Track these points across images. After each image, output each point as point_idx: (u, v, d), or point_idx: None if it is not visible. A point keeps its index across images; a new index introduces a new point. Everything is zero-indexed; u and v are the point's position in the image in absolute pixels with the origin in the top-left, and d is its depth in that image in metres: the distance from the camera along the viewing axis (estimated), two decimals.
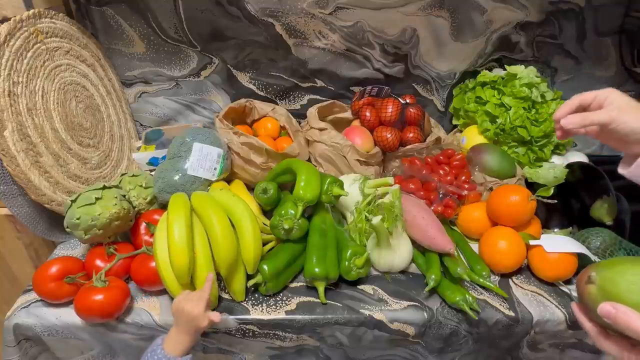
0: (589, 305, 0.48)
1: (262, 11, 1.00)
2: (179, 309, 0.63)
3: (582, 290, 0.49)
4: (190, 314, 0.62)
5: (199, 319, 0.62)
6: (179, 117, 1.16)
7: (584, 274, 0.49)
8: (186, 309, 0.62)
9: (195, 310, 0.62)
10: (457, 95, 1.12)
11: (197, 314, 0.62)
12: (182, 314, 0.63)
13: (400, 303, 0.75)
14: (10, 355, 0.73)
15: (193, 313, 0.62)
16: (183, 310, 0.63)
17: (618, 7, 1.05)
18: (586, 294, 0.48)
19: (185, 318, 0.63)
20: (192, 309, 0.62)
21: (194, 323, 0.62)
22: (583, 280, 0.49)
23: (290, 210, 0.77)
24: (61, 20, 0.90)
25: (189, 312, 0.62)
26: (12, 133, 0.73)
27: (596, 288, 0.46)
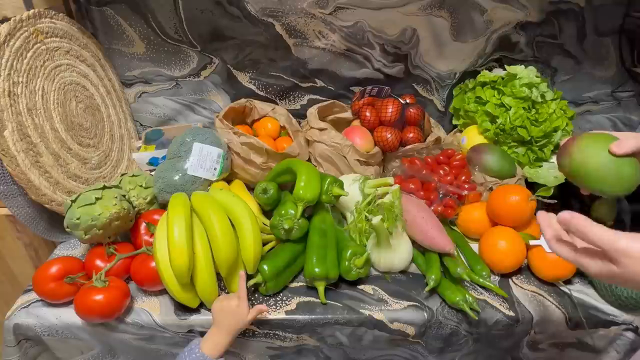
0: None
1: (262, 11, 1.00)
2: (222, 307, 0.67)
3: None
4: (235, 310, 0.65)
5: (244, 313, 0.66)
6: (179, 117, 1.16)
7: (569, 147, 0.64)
8: (232, 305, 0.66)
9: (240, 306, 0.66)
10: (457, 95, 1.12)
11: (242, 309, 0.66)
12: (226, 312, 0.66)
13: (400, 303, 0.75)
14: (10, 355, 0.73)
15: (239, 308, 0.66)
16: (228, 307, 0.66)
17: (618, 7, 1.05)
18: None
19: (229, 315, 0.66)
20: (237, 305, 0.66)
21: (237, 318, 0.65)
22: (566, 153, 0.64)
23: (290, 210, 0.77)
24: (61, 20, 0.90)
25: (234, 308, 0.66)
26: (12, 133, 0.73)
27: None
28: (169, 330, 0.73)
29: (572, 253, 0.48)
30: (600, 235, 0.43)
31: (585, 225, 0.44)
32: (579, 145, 0.63)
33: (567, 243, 0.48)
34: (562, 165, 0.66)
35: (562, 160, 0.66)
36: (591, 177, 0.63)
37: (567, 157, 0.65)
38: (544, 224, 0.52)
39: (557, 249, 0.49)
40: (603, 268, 0.44)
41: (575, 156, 0.63)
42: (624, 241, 0.42)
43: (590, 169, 0.62)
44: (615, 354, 0.77)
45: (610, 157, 0.60)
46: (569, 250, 0.48)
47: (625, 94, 1.18)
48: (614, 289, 0.72)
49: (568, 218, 0.46)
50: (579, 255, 0.47)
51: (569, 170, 0.65)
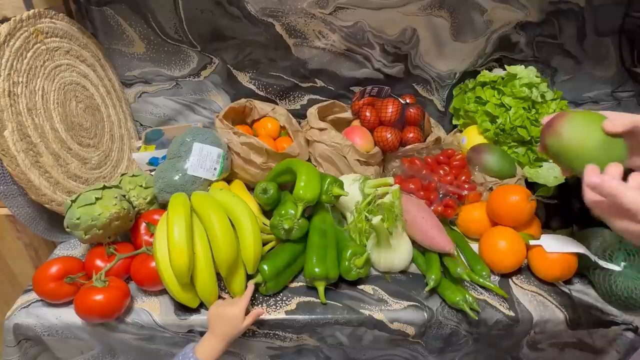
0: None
1: (262, 11, 1.00)
2: (218, 314, 0.66)
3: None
4: (231, 318, 0.65)
5: (240, 321, 0.65)
6: (179, 117, 1.16)
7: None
8: (228, 313, 0.65)
9: (238, 315, 0.65)
10: (457, 95, 1.12)
11: (239, 318, 0.65)
12: (221, 319, 0.66)
13: (400, 303, 0.75)
14: (10, 355, 0.73)
15: (235, 317, 0.65)
16: (224, 314, 0.66)
17: (618, 7, 1.05)
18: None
19: (226, 322, 0.65)
20: (234, 314, 0.65)
21: (233, 326, 0.65)
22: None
23: (290, 210, 0.77)
24: (61, 20, 0.90)
25: (230, 316, 0.65)
26: (12, 133, 0.73)
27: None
28: (169, 330, 0.73)
29: (605, 209, 0.46)
30: (632, 198, 0.42)
31: (617, 188, 0.43)
32: (567, 124, 0.59)
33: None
34: (548, 145, 0.62)
35: (549, 139, 0.61)
36: (580, 159, 0.58)
37: (554, 136, 0.60)
38: (589, 173, 0.49)
39: (591, 203, 0.48)
40: (634, 229, 0.43)
41: (564, 135, 0.59)
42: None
43: (581, 151, 0.58)
44: (615, 353, 0.77)
45: (602, 138, 0.57)
46: (603, 206, 0.46)
47: (625, 94, 1.18)
48: (614, 289, 0.72)
49: (598, 182, 0.45)
50: (612, 213, 0.45)
51: (556, 150, 0.61)
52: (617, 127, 0.56)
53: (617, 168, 0.49)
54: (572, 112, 0.61)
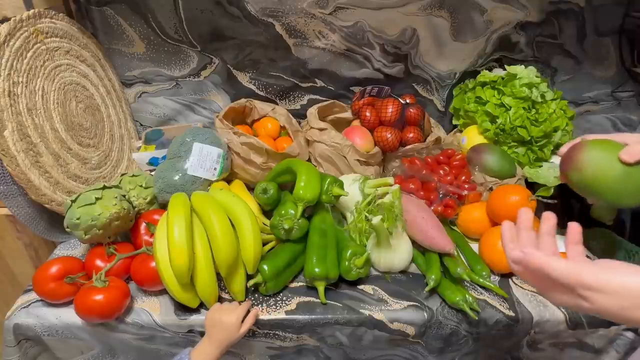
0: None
1: (262, 11, 1.00)
2: (214, 320, 0.67)
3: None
4: (228, 326, 0.65)
5: (237, 328, 0.66)
6: (179, 117, 1.16)
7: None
8: (225, 321, 0.66)
9: (233, 319, 0.66)
10: (457, 95, 1.12)
11: (236, 326, 0.65)
12: (218, 326, 0.66)
13: (400, 303, 0.75)
14: (10, 355, 0.73)
15: (232, 326, 0.65)
16: (220, 322, 0.66)
17: (618, 7, 1.05)
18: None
19: (221, 329, 0.65)
20: (231, 323, 0.65)
21: (230, 333, 0.65)
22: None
23: (290, 210, 0.77)
24: (61, 20, 0.90)
25: (227, 325, 0.65)
26: (12, 133, 0.73)
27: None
28: (169, 330, 0.73)
29: (537, 281, 0.43)
30: (561, 270, 0.39)
31: (541, 262, 0.39)
32: (587, 157, 0.58)
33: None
34: (570, 179, 0.61)
35: (571, 175, 0.61)
36: (607, 192, 0.58)
37: (575, 171, 0.60)
38: (507, 246, 0.46)
39: (520, 275, 0.44)
40: (571, 302, 0.40)
41: (585, 171, 0.58)
42: (590, 275, 0.37)
43: (605, 183, 0.57)
44: (615, 353, 0.77)
45: (623, 168, 0.56)
46: (534, 278, 0.43)
47: (625, 94, 1.18)
48: None
49: (521, 257, 0.41)
50: (543, 286, 0.42)
51: (579, 184, 0.60)
52: (635, 156, 0.54)
53: (527, 226, 0.46)
54: (589, 142, 0.59)
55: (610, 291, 0.37)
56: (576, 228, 0.44)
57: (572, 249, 0.44)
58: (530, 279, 0.43)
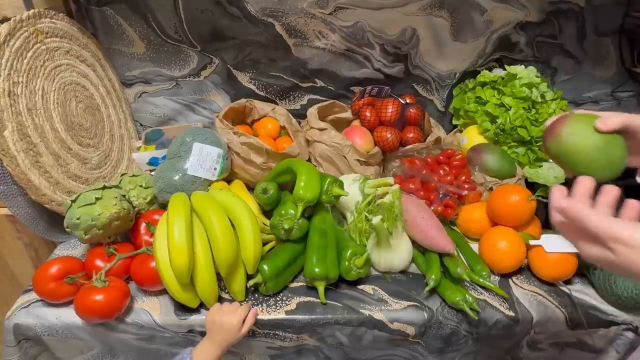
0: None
1: (262, 11, 1.00)
2: (215, 321, 0.67)
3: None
4: (229, 327, 0.66)
5: (238, 329, 0.66)
6: (179, 117, 1.16)
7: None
8: (225, 322, 0.66)
9: (234, 321, 0.66)
10: (457, 95, 1.12)
11: (237, 327, 0.66)
12: (218, 327, 0.66)
13: (400, 303, 0.75)
14: (10, 355, 0.73)
15: (234, 326, 0.66)
16: (220, 323, 0.66)
17: (618, 7, 1.05)
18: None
19: (223, 330, 0.66)
20: (232, 324, 0.66)
21: (231, 334, 0.65)
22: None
23: (290, 210, 0.77)
24: (61, 20, 0.90)
25: (228, 326, 0.66)
26: (12, 133, 0.73)
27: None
28: (169, 330, 0.73)
29: (572, 233, 0.46)
30: (597, 223, 0.42)
31: (581, 212, 0.43)
32: (567, 128, 0.60)
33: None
34: (549, 147, 0.63)
35: (550, 145, 0.62)
36: (580, 163, 0.60)
37: (553, 138, 0.62)
38: (554, 196, 0.49)
39: (558, 226, 0.48)
40: (600, 254, 0.43)
41: (563, 139, 0.60)
42: (622, 230, 0.41)
43: (580, 152, 0.59)
44: (615, 353, 0.77)
45: (600, 139, 0.58)
46: (569, 229, 0.46)
47: (625, 94, 1.18)
48: (614, 289, 0.72)
49: (564, 206, 0.45)
50: (578, 238, 0.45)
51: (556, 154, 0.62)
52: (608, 125, 0.56)
53: (585, 187, 0.48)
54: (573, 115, 0.61)
55: (637, 245, 0.40)
56: (636, 206, 0.46)
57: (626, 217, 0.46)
58: (567, 230, 0.47)
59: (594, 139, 0.58)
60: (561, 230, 0.48)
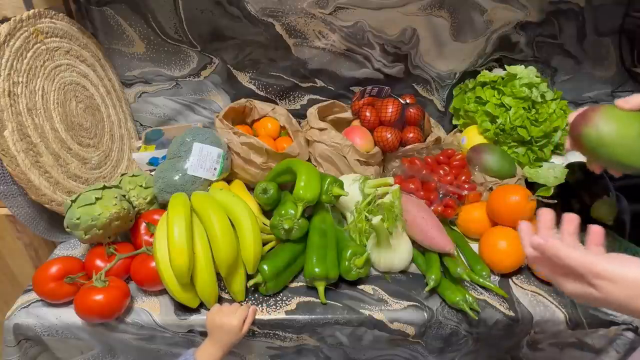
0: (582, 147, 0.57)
1: (262, 11, 1.00)
2: (215, 322, 0.67)
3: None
4: (231, 328, 0.66)
5: (238, 329, 0.66)
6: (179, 117, 1.16)
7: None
8: (225, 323, 0.66)
9: (234, 322, 0.66)
10: (457, 95, 1.12)
11: (236, 324, 0.66)
12: (219, 328, 0.66)
13: (400, 303, 0.75)
14: (10, 355, 0.73)
15: (235, 327, 0.66)
16: (221, 324, 0.66)
17: (618, 7, 1.05)
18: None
19: (224, 331, 0.66)
20: (231, 321, 0.66)
21: (232, 335, 0.66)
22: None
23: (290, 210, 0.77)
24: (61, 20, 0.90)
25: (229, 327, 0.66)
26: (12, 133, 0.73)
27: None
28: (169, 330, 0.73)
29: (549, 268, 0.45)
30: (577, 260, 0.41)
31: (560, 250, 0.42)
32: (605, 114, 0.56)
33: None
34: (584, 136, 0.57)
35: (586, 132, 0.56)
36: (620, 150, 0.55)
37: (592, 128, 0.56)
38: (525, 232, 0.48)
39: (533, 260, 0.46)
40: (581, 290, 0.42)
41: (603, 128, 0.55)
42: (605, 265, 0.39)
43: (621, 140, 0.55)
44: (615, 353, 0.77)
45: (637, 124, 0.54)
46: (547, 265, 0.45)
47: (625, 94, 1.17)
48: None
49: (539, 243, 0.43)
50: (556, 274, 0.44)
51: (594, 141, 0.56)
52: (630, 103, 0.54)
53: (547, 219, 0.47)
54: (604, 105, 0.58)
55: (619, 280, 0.39)
56: (598, 230, 0.45)
57: (593, 249, 0.45)
58: (545, 266, 0.46)
59: (635, 127, 0.55)
60: (538, 265, 0.46)
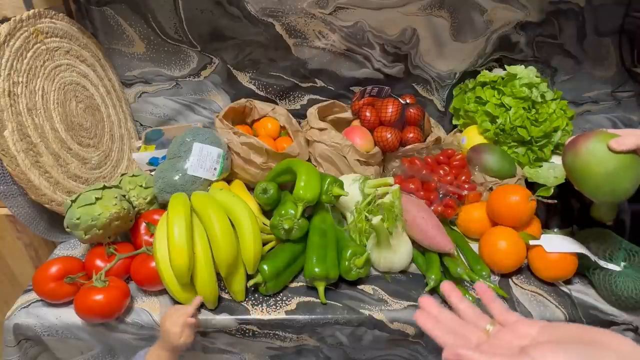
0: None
1: (262, 11, 1.00)
2: (162, 325, 0.66)
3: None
4: (169, 330, 0.64)
5: (177, 335, 0.64)
6: (179, 117, 1.16)
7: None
8: (167, 326, 0.65)
9: (173, 329, 0.64)
10: (457, 95, 1.12)
11: (175, 330, 0.64)
12: (165, 332, 0.65)
13: (400, 303, 0.75)
14: (10, 355, 0.73)
15: (171, 330, 0.64)
16: (164, 328, 0.65)
17: (618, 7, 1.05)
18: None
19: (166, 334, 0.65)
20: (170, 327, 0.64)
21: (173, 338, 0.64)
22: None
23: (290, 210, 0.77)
24: (61, 20, 0.90)
25: (168, 329, 0.64)
26: (12, 133, 0.73)
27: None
28: None
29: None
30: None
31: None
32: (588, 145, 0.60)
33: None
34: (565, 160, 0.64)
35: (567, 157, 0.64)
36: (587, 184, 0.62)
37: (572, 155, 0.63)
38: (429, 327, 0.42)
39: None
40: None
41: (579, 158, 0.61)
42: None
43: (589, 175, 0.61)
44: None
45: (614, 163, 0.58)
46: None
47: (625, 94, 1.18)
48: (614, 289, 0.72)
49: (455, 359, 0.37)
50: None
51: (569, 168, 0.64)
52: (622, 145, 0.54)
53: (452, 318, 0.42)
54: (600, 132, 0.61)
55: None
56: (484, 288, 0.44)
57: (494, 308, 0.43)
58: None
59: (607, 165, 0.58)
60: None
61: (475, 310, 0.44)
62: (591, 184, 0.61)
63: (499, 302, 0.44)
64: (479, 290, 0.45)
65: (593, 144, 0.60)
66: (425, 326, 0.43)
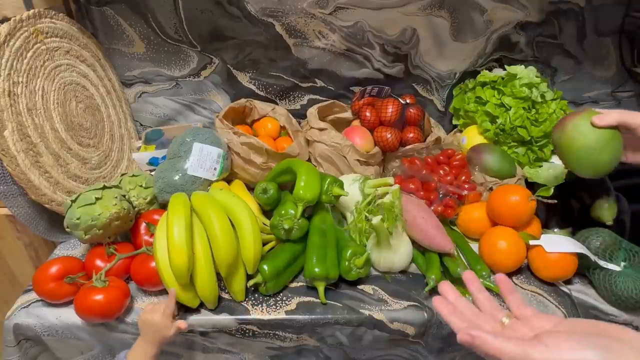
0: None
1: (262, 11, 1.00)
2: (145, 320, 0.66)
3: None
4: (156, 324, 0.65)
5: (167, 328, 0.65)
6: (179, 117, 1.16)
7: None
8: (154, 319, 0.65)
9: (162, 321, 0.65)
10: (457, 95, 1.12)
11: (164, 323, 0.65)
12: (149, 326, 0.66)
13: (400, 303, 0.75)
14: (10, 355, 0.73)
15: (160, 324, 0.65)
16: (151, 321, 0.66)
17: (618, 7, 1.05)
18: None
19: (152, 329, 0.65)
20: (159, 320, 0.65)
21: (161, 333, 0.65)
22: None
23: (290, 210, 0.77)
24: (61, 20, 0.90)
25: (157, 323, 0.65)
26: (12, 133, 0.73)
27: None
28: None
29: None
30: (509, 352, 0.37)
31: (490, 344, 0.38)
32: (574, 122, 0.65)
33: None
34: (553, 137, 0.70)
35: (555, 133, 0.69)
36: (569, 159, 0.66)
37: (559, 131, 0.67)
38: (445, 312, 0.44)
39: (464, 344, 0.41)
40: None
41: (565, 134, 0.66)
42: (536, 355, 0.36)
43: (571, 150, 0.65)
44: None
45: (596, 137, 0.62)
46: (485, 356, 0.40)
47: (625, 94, 1.18)
48: (614, 289, 0.72)
49: (469, 340, 0.39)
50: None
51: (555, 144, 0.69)
52: (604, 120, 0.59)
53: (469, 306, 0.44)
54: (588, 110, 0.65)
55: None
56: (504, 279, 0.45)
57: (512, 301, 0.44)
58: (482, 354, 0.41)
59: (589, 139, 0.63)
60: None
61: (493, 302, 0.45)
62: (574, 157, 0.66)
63: (518, 295, 0.44)
64: (499, 280, 0.45)
65: (578, 120, 0.65)
66: (443, 311, 0.44)
